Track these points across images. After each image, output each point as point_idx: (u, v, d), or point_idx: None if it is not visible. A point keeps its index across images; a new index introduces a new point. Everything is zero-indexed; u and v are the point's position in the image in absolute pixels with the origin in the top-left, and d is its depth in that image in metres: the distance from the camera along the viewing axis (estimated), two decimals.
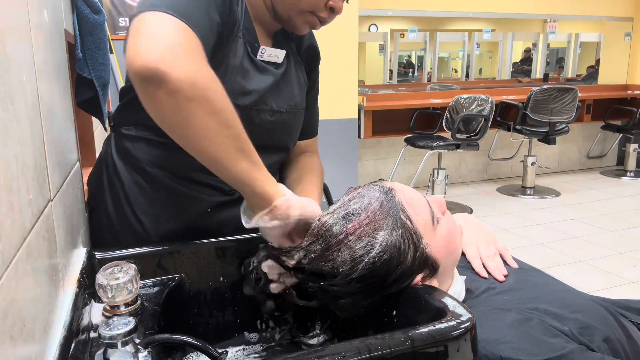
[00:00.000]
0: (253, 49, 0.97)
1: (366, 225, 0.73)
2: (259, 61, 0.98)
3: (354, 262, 0.72)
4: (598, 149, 6.02)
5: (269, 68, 1.00)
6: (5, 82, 0.51)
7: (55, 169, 0.73)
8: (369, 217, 0.74)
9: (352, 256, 0.72)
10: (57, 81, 0.85)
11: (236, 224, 0.88)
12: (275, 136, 1.04)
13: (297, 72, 1.08)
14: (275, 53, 1.01)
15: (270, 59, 1.01)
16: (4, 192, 0.46)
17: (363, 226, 0.74)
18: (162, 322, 0.76)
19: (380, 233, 0.73)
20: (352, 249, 0.73)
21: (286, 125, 1.06)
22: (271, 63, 1.01)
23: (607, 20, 6.00)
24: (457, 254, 0.83)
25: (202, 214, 0.99)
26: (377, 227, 0.73)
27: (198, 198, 0.98)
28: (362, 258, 0.72)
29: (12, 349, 0.45)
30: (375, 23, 7.62)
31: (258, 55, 0.98)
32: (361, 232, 0.73)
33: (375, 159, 4.93)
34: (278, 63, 1.02)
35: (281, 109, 1.02)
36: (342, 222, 0.75)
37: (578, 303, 0.78)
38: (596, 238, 3.70)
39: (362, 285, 0.73)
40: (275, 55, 1.01)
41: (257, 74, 0.98)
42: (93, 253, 0.87)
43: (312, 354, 0.57)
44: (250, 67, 0.97)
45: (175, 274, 0.88)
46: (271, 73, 1.00)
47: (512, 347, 0.68)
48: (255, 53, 0.98)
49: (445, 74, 9.12)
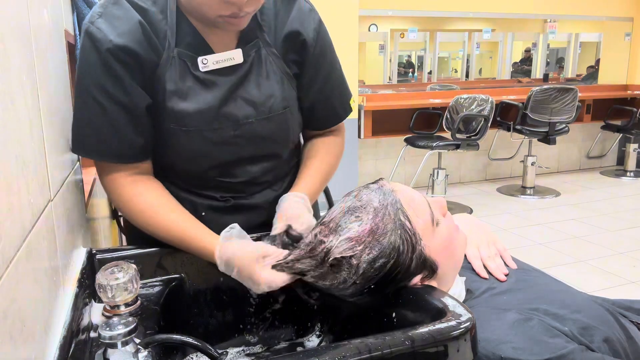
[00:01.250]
0: (193, 64, 0.89)
1: (368, 234, 0.73)
2: (202, 75, 0.90)
3: (353, 265, 0.72)
4: (598, 149, 6.02)
5: (215, 80, 0.91)
6: (5, 82, 0.51)
7: (55, 169, 0.73)
8: (367, 220, 0.74)
9: (349, 257, 0.72)
10: (57, 81, 0.85)
11: None
12: (252, 147, 0.97)
13: (272, 67, 0.95)
14: (225, 56, 0.91)
15: (221, 64, 0.91)
16: (4, 192, 0.46)
17: (361, 229, 0.73)
18: (162, 322, 0.76)
19: (379, 235, 0.73)
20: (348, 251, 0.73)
21: (261, 133, 0.96)
22: (224, 70, 0.91)
23: (607, 20, 6.00)
24: (457, 257, 0.82)
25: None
26: (376, 230, 0.73)
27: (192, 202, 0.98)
28: (359, 258, 0.72)
29: (12, 349, 0.45)
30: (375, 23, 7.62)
31: (201, 67, 0.89)
32: (362, 238, 0.73)
33: (375, 159, 4.93)
34: (235, 67, 0.92)
35: (247, 119, 0.93)
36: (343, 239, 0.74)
37: (578, 303, 0.78)
38: (596, 238, 3.70)
39: (359, 283, 0.73)
40: (229, 58, 0.91)
41: (201, 91, 0.90)
42: (93, 253, 0.87)
43: (312, 354, 0.57)
44: (192, 84, 0.90)
45: (175, 274, 0.88)
46: (220, 84, 0.91)
47: (512, 347, 0.68)
48: (195, 67, 0.90)
49: (445, 74, 9.12)
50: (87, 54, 0.84)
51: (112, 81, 0.84)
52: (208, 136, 0.92)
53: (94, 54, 0.84)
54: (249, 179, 0.99)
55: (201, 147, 0.93)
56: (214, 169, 0.96)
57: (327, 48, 1.02)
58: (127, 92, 0.86)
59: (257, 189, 1.02)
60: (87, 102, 0.86)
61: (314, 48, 0.98)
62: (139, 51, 0.85)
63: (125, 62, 0.85)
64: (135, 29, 0.85)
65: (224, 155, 0.95)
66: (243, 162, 0.98)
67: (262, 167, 1.00)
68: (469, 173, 5.39)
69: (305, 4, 0.99)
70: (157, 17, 0.88)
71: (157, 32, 0.88)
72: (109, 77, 0.84)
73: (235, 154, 0.96)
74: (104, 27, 0.84)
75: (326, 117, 1.07)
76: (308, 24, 0.98)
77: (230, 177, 0.98)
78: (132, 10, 0.86)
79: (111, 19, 0.85)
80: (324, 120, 1.07)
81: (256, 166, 0.99)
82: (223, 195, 0.99)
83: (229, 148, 0.95)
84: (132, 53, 0.85)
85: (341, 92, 1.07)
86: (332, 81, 1.04)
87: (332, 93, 1.05)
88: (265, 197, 1.02)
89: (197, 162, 0.95)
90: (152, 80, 0.88)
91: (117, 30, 0.84)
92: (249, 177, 0.99)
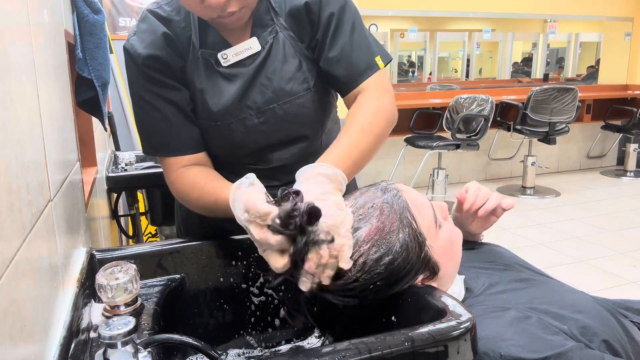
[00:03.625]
0: (216, 61, 0.96)
1: (375, 232, 0.73)
2: (225, 70, 0.96)
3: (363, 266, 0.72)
4: (598, 149, 6.02)
5: (236, 72, 0.96)
6: (5, 82, 0.51)
7: (55, 169, 0.73)
8: (374, 220, 0.74)
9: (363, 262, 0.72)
10: (57, 81, 0.85)
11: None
12: (279, 132, 1.00)
13: (291, 51, 0.97)
14: (243, 47, 0.96)
15: (240, 56, 0.96)
16: (4, 192, 0.46)
17: (368, 229, 0.73)
18: (162, 322, 0.76)
19: (388, 234, 0.73)
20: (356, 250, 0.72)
21: (285, 117, 0.98)
22: (244, 61, 0.96)
23: (607, 20, 6.00)
24: (457, 259, 0.83)
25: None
26: (382, 228, 0.73)
27: None
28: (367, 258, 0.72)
29: (12, 349, 0.45)
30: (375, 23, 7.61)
31: (223, 63, 0.96)
32: (366, 235, 0.73)
33: (375, 158, 4.86)
34: (254, 56, 0.96)
35: (269, 104, 0.97)
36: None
37: (580, 304, 0.78)
38: (596, 238, 3.69)
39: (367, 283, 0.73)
40: (246, 49, 0.96)
41: (226, 84, 0.96)
42: (93, 253, 0.87)
43: (312, 354, 0.57)
44: (218, 80, 0.96)
45: (175, 274, 0.88)
46: (239, 76, 0.96)
47: (512, 345, 0.68)
48: (218, 64, 0.96)
49: (445, 74, 9.12)
50: (129, 68, 0.97)
51: (155, 84, 0.95)
52: (235, 127, 0.98)
53: (133, 67, 0.95)
54: (282, 165, 1.03)
55: (231, 138, 0.99)
56: (247, 158, 1.03)
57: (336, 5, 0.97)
58: (172, 89, 0.95)
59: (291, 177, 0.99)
60: (143, 108, 0.97)
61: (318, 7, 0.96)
62: (164, 57, 0.94)
63: (158, 68, 0.94)
64: (159, 39, 0.94)
65: (254, 143, 1.01)
66: (273, 148, 1.02)
67: (292, 152, 1.03)
68: (469, 173, 5.39)
69: None
70: (181, 25, 0.96)
71: (181, 39, 0.96)
72: (151, 82, 0.95)
73: (264, 141, 1.01)
74: (135, 42, 0.95)
75: (348, 77, 0.98)
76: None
77: (265, 164, 1.03)
78: (157, 23, 0.95)
79: (140, 34, 0.96)
80: (346, 82, 0.98)
81: (286, 151, 1.03)
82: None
83: (258, 135, 0.99)
84: (159, 60, 0.94)
85: (362, 50, 0.98)
86: (345, 35, 0.97)
87: (349, 51, 0.97)
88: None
89: (231, 152, 1.02)
90: (184, 82, 0.97)
91: (144, 42, 0.94)
92: (282, 163, 1.03)
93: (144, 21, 0.96)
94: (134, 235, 2.11)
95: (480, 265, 0.93)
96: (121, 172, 1.86)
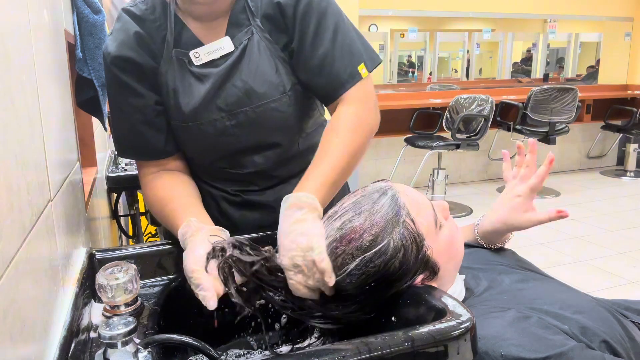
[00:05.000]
0: (189, 60, 0.93)
1: (368, 228, 0.73)
2: (197, 69, 0.93)
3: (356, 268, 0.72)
4: (598, 149, 6.02)
5: (207, 72, 0.93)
6: (5, 82, 0.51)
7: (55, 169, 0.73)
8: (371, 220, 0.74)
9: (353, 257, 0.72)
10: (57, 81, 0.85)
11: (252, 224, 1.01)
12: (251, 136, 0.96)
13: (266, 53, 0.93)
14: (215, 47, 0.92)
15: (212, 55, 0.93)
16: (4, 192, 0.46)
17: (365, 229, 0.73)
18: (162, 322, 0.76)
19: (384, 234, 0.73)
20: (352, 251, 0.72)
21: (259, 122, 0.94)
22: (217, 61, 0.93)
23: (607, 20, 6.00)
24: (457, 259, 0.82)
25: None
26: (378, 228, 0.73)
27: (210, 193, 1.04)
28: (362, 258, 0.72)
29: (12, 349, 0.45)
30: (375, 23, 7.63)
31: (195, 62, 0.93)
32: (362, 235, 0.73)
33: (375, 159, 4.93)
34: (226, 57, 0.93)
35: (241, 107, 0.93)
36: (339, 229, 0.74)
37: (580, 305, 0.78)
38: (596, 238, 3.69)
39: (361, 284, 0.73)
40: (219, 48, 0.92)
41: (197, 84, 0.93)
42: (93, 253, 0.87)
43: (312, 354, 0.57)
44: (190, 80, 0.93)
45: (175, 274, 0.88)
46: (212, 76, 0.92)
47: (512, 344, 0.68)
48: (191, 63, 0.93)
49: (445, 74, 9.12)
50: (105, 70, 0.95)
51: (123, 87, 0.93)
52: (206, 129, 0.95)
53: (107, 69, 0.94)
54: (257, 170, 1.00)
55: (203, 140, 0.96)
56: (220, 161, 1.00)
57: (315, 7, 0.92)
58: (138, 95, 0.93)
59: (269, 183, 1.02)
60: (113, 110, 0.97)
61: (294, 9, 0.91)
62: (134, 58, 0.92)
63: (125, 69, 0.92)
64: (130, 39, 0.92)
65: (226, 146, 0.98)
66: (246, 152, 0.99)
67: (266, 157, 0.99)
68: (469, 173, 5.39)
69: None
70: (155, 24, 0.94)
71: (155, 38, 0.93)
72: (118, 85, 0.93)
73: (236, 144, 0.97)
74: (109, 42, 0.93)
75: (328, 89, 0.93)
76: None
77: (238, 168, 1.01)
78: (130, 22, 0.93)
79: (115, 33, 0.93)
80: (326, 93, 0.94)
81: (261, 156, 0.99)
82: (234, 189, 1.02)
83: (229, 139, 0.96)
84: (128, 60, 0.92)
85: (344, 59, 0.92)
86: (326, 42, 0.91)
87: (331, 61, 0.92)
88: (277, 195, 0.98)
89: (204, 154, 1.00)
90: (157, 83, 0.94)
91: (115, 42, 0.92)
92: (256, 168, 1.00)
93: (119, 20, 0.94)
94: (134, 235, 2.11)
95: (481, 265, 0.93)
96: (121, 172, 1.86)
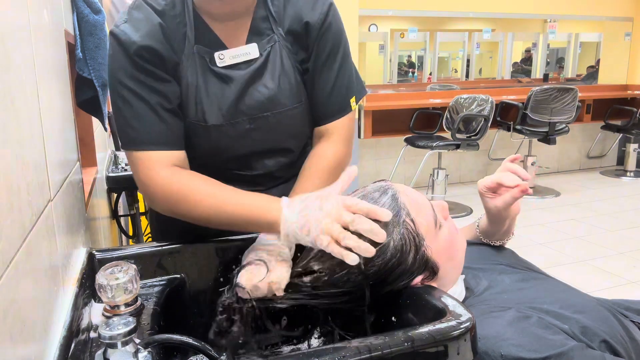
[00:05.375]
0: (211, 59, 0.93)
1: None
2: (220, 70, 0.93)
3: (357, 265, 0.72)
4: (598, 149, 6.02)
5: (232, 75, 0.94)
6: (5, 82, 0.51)
7: (55, 169, 0.73)
8: None
9: None
10: (57, 81, 0.85)
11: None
12: (267, 141, 0.99)
13: (288, 61, 0.97)
14: (241, 51, 0.94)
15: (237, 59, 0.94)
16: (4, 192, 0.46)
17: None
18: (162, 322, 0.76)
19: None
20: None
21: (276, 127, 0.98)
22: (240, 64, 0.94)
23: (607, 20, 6.00)
24: (457, 260, 0.82)
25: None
26: None
27: None
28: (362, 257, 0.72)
29: (12, 349, 0.45)
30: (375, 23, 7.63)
31: (218, 63, 0.93)
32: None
33: (375, 159, 4.93)
34: (250, 61, 0.94)
35: (262, 112, 0.95)
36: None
37: (581, 305, 0.78)
38: (596, 238, 3.69)
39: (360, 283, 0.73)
40: (245, 53, 0.94)
41: (220, 85, 0.94)
42: (93, 253, 0.87)
43: (312, 354, 0.57)
44: (211, 79, 0.93)
45: (175, 274, 0.88)
46: (236, 79, 0.94)
47: (512, 344, 0.68)
48: (213, 62, 0.93)
49: (445, 74, 9.12)
50: (117, 56, 0.90)
51: (145, 74, 0.90)
52: (225, 130, 0.95)
53: (123, 55, 0.89)
54: (265, 172, 1.02)
55: (219, 140, 0.96)
56: (231, 162, 1.00)
57: (333, 34, 0.98)
58: (161, 81, 0.91)
59: (274, 183, 1.04)
60: (126, 98, 0.90)
61: (317, 32, 0.96)
62: (160, 50, 0.90)
63: (151, 60, 0.90)
64: (156, 30, 0.90)
65: (240, 149, 0.98)
66: (259, 156, 1.00)
67: (277, 161, 1.02)
68: (469, 173, 5.39)
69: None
70: (175, 20, 0.93)
71: (175, 33, 0.92)
72: (141, 72, 0.89)
73: (251, 148, 0.99)
74: (128, 30, 0.89)
75: (319, 114, 1.01)
76: (315, 9, 0.96)
77: (247, 170, 1.01)
78: (153, 14, 0.91)
79: (134, 22, 0.90)
80: (321, 114, 1.02)
81: (272, 160, 1.01)
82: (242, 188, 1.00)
83: (245, 141, 0.97)
84: (155, 52, 0.90)
85: (341, 92, 1.01)
86: (334, 71, 0.99)
87: (331, 84, 0.99)
88: (282, 192, 0.99)
89: (216, 155, 0.99)
90: (175, 78, 0.93)
91: (139, 32, 0.89)
92: (265, 171, 1.02)
93: (139, 10, 0.91)
94: (134, 235, 2.11)
95: (481, 265, 0.93)
96: (121, 172, 1.86)
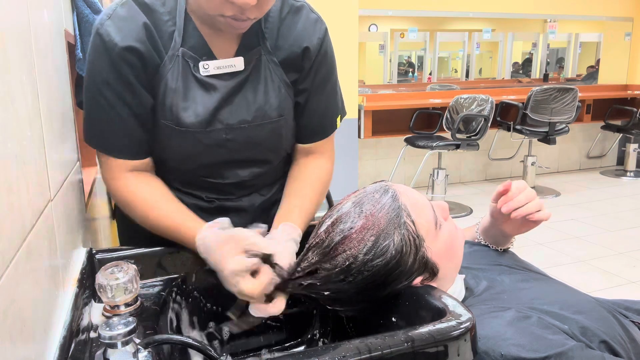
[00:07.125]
0: (195, 65, 0.92)
1: (368, 229, 0.73)
2: (202, 78, 0.92)
3: (353, 263, 0.72)
4: (598, 149, 6.02)
5: (215, 84, 0.93)
6: (5, 82, 0.51)
7: (55, 169, 0.73)
8: (371, 221, 0.74)
9: (353, 257, 0.72)
10: (57, 81, 0.85)
11: None
12: (243, 151, 0.98)
13: (271, 75, 0.97)
14: (227, 63, 0.93)
15: (221, 70, 0.93)
16: (4, 192, 0.46)
17: (365, 230, 0.73)
18: (162, 322, 0.76)
19: (384, 235, 0.73)
20: (352, 250, 0.73)
21: (253, 139, 0.97)
22: (224, 75, 0.93)
23: (607, 20, 6.00)
24: (457, 260, 0.82)
25: None
26: (378, 229, 0.73)
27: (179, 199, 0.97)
28: (362, 258, 0.72)
29: (12, 349, 0.45)
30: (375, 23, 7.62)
31: (202, 72, 0.92)
32: (363, 235, 0.73)
33: (375, 159, 4.93)
34: (234, 72, 0.94)
35: (241, 124, 0.95)
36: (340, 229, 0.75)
37: (581, 305, 0.78)
38: (596, 238, 3.70)
39: (360, 285, 0.73)
40: (229, 65, 0.93)
41: (200, 92, 0.92)
42: (93, 253, 0.87)
43: (312, 354, 0.57)
44: (192, 85, 0.92)
45: (175, 274, 0.88)
46: (218, 89, 0.93)
47: (512, 344, 0.68)
48: (197, 70, 0.92)
49: (445, 74, 9.12)
50: (97, 54, 0.88)
51: (121, 82, 0.88)
52: (200, 137, 0.93)
53: (103, 55, 0.88)
54: (237, 182, 1.00)
55: (192, 147, 0.94)
56: (203, 169, 0.98)
57: (328, 59, 1.02)
58: (134, 93, 0.90)
59: (245, 192, 1.03)
60: (97, 99, 0.90)
61: (315, 56, 0.98)
62: (142, 50, 0.88)
63: (131, 63, 0.88)
64: (139, 30, 0.88)
65: (214, 157, 0.96)
66: (233, 165, 0.99)
67: (251, 172, 1.00)
68: (469, 173, 5.39)
69: (311, 14, 0.99)
70: (164, 18, 0.91)
71: (162, 33, 0.90)
72: (117, 78, 0.88)
73: (225, 157, 0.97)
74: (111, 29, 0.87)
75: (313, 130, 1.04)
76: (313, 34, 0.98)
77: (219, 179, 0.99)
78: (138, 11, 0.89)
79: (117, 21, 0.88)
80: (310, 133, 1.05)
81: (246, 170, 1.00)
82: (209, 195, 1.01)
83: (220, 150, 0.95)
84: (136, 52, 0.88)
85: (328, 112, 1.05)
86: (326, 93, 1.03)
87: (323, 105, 1.04)
88: (252, 201, 1.03)
89: (187, 161, 0.97)
90: (155, 79, 0.91)
91: (122, 32, 0.87)
92: (237, 180, 1.00)
93: (124, 6, 0.89)
94: None
95: (481, 265, 0.93)
96: None
